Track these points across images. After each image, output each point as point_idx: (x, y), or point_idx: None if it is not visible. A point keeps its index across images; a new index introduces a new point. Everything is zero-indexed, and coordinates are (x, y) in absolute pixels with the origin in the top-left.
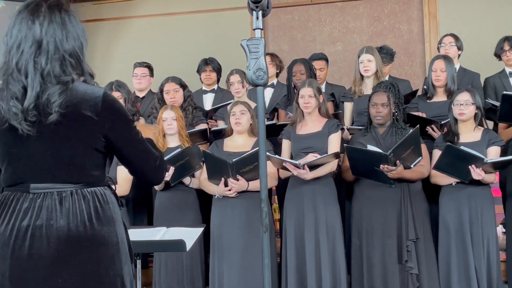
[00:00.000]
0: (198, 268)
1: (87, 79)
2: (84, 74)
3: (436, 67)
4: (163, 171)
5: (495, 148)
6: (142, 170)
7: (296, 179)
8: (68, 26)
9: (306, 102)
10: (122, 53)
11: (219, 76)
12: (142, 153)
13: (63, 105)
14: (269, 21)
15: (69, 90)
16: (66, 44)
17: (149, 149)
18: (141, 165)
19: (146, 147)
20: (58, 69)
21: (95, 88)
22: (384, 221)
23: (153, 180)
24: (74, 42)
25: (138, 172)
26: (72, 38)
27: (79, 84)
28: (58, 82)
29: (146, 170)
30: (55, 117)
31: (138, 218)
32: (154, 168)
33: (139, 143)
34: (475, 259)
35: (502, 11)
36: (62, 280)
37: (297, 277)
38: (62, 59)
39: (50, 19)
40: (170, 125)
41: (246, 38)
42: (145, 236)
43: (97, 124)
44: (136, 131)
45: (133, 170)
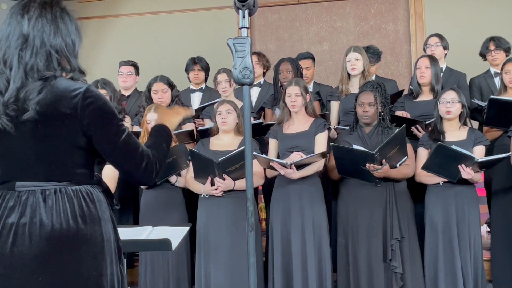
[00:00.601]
0: (184, 267)
1: (76, 75)
2: (73, 71)
3: (420, 64)
4: (151, 173)
5: (481, 148)
6: (127, 170)
7: (282, 178)
8: (59, 23)
9: (293, 101)
10: (108, 52)
11: (207, 75)
12: (125, 152)
13: (41, 103)
14: (256, 20)
15: (50, 87)
16: (54, 40)
17: (134, 149)
18: (125, 165)
19: (131, 147)
20: (42, 64)
21: (77, 84)
22: (370, 220)
23: (140, 180)
24: (63, 39)
25: (123, 172)
26: (61, 34)
27: (62, 80)
28: (40, 78)
29: (131, 170)
30: (31, 114)
31: (123, 217)
32: (139, 169)
33: (121, 143)
34: (461, 258)
35: (487, 11)
36: (42, 278)
37: (283, 276)
38: (48, 55)
39: (40, 14)
40: None
41: (232, 37)
42: (130, 235)
43: (77, 121)
44: (120, 130)
45: (118, 170)
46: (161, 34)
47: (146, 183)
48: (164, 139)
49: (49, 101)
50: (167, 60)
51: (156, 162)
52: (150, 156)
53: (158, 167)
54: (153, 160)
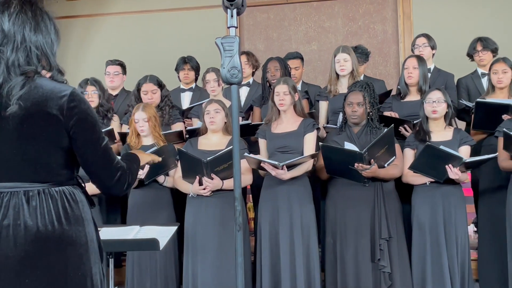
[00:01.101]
0: (172, 267)
1: (55, 75)
2: (52, 70)
3: (408, 64)
4: (124, 184)
5: (466, 148)
6: (101, 178)
7: (271, 178)
8: (39, 21)
9: (281, 99)
10: (95, 51)
11: (197, 74)
12: (102, 159)
13: (26, 101)
14: (244, 20)
15: (34, 85)
16: (34, 37)
17: (111, 158)
18: (98, 172)
19: (109, 156)
20: (23, 59)
21: (63, 87)
22: (358, 220)
23: (111, 191)
24: (43, 37)
25: (95, 179)
26: (41, 32)
27: (46, 81)
28: (21, 73)
29: (103, 179)
30: (14, 109)
31: (111, 216)
32: (111, 179)
33: (102, 149)
34: (448, 258)
35: (475, 12)
36: (29, 280)
37: (271, 276)
38: (28, 51)
39: (20, 11)
40: (142, 127)
41: (221, 36)
42: (118, 234)
43: (63, 122)
44: (101, 137)
45: (91, 177)
46: (150, 33)
47: (117, 194)
48: (135, 161)
49: (35, 101)
50: (155, 59)
51: (129, 175)
52: (125, 168)
53: (130, 179)
54: (127, 172)
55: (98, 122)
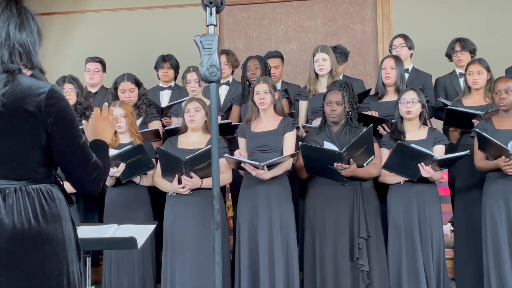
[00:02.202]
0: (150, 265)
1: (36, 74)
2: (34, 68)
3: (386, 65)
4: (99, 183)
5: (441, 147)
6: (76, 177)
7: (250, 177)
8: (23, 19)
9: (262, 98)
10: (75, 48)
11: (176, 73)
12: (79, 158)
13: (6, 96)
14: (224, 18)
15: (16, 82)
16: (18, 35)
17: (88, 157)
18: (75, 171)
19: (86, 155)
20: (6, 57)
21: (41, 83)
22: (337, 218)
23: (87, 190)
24: (27, 35)
25: (71, 178)
26: (25, 30)
27: (25, 78)
28: (4, 70)
29: (79, 178)
30: None
31: (88, 215)
32: (88, 178)
33: (79, 148)
34: (423, 257)
35: (454, 12)
36: (4, 278)
37: (250, 275)
38: (11, 48)
39: (6, 8)
40: (120, 123)
41: (199, 34)
42: (95, 233)
43: (41, 120)
44: (79, 135)
45: (67, 175)
46: (129, 31)
47: (92, 192)
48: (105, 153)
49: (14, 98)
50: (134, 57)
51: (104, 173)
52: (101, 167)
53: (105, 177)
54: (103, 171)
55: (76, 120)
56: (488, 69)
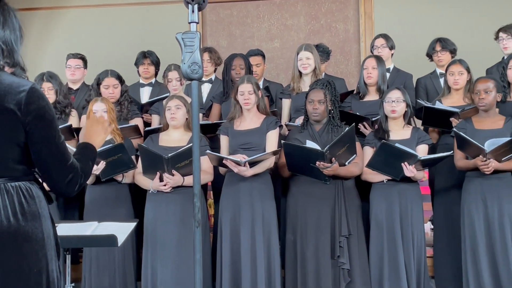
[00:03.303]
0: (130, 263)
1: (17, 72)
2: (15, 66)
3: (367, 65)
4: (75, 186)
5: (424, 147)
6: (51, 177)
7: (233, 175)
8: (7, 17)
9: (246, 99)
10: (56, 44)
11: (157, 69)
12: (56, 158)
13: None
14: (207, 16)
15: None
16: (1, 32)
17: (65, 158)
18: (50, 171)
19: (63, 155)
20: None
21: (22, 81)
22: (318, 217)
23: (61, 191)
24: (10, 33)
25: (46, 178)
26: (8, 28)
27: (6, 75)
28: None
29: (55, 178)
30: None
31: (69, 212)
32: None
33: (56, 148)
34: (404, 255)
35: (435, 12)
36: None
37: (231, 272)
38: None
39: None
40: None
41: (181, 32)
42: (75, 230)
43: (20, 118)
44: (58, 135)
45: (43, 174)
46: (110, 27)
47: (67, 195)
48: (90, 157)
49: None
50: (115, 53)
51: (82, 176)
52: (78, 170)
53: (82, 181)
54: (80, 174)
55: (55, 119)
56: (468, 69)
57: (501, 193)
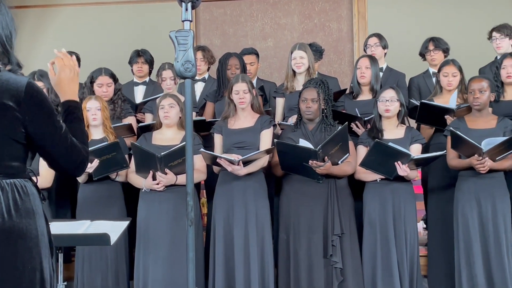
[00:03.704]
0: (123, 262)
1: (14, 69)
2: (11, 63)
3: (361, 64)
4: (84, 168)
5: (417, 146)
6: (61, 166)
7: (226, 174)
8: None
9: (242, 98)
10: (49, 42)
11: (151, 68)
12: (65, 148)
13: None
14: (201, 14)
15: None
16: None
17: (73, 144)
18: (59, 161)
19: (70, 142)
20: None
21: (18, 78)
22: (311, 216)
23: (73, 175)
24: (3, 30)
25: (57, 166)
26: (1, 25)
27: (3, 72)
28: None
29: (67, 165)
30: None
31: (61, 211)
32: (75, 164)
33: (62, 138)
34: (397, 254)
35: (428, 12)
36: None
37: (225, 271)
38: None
39: None
40: (95, 115)
41: (175, 30)
42: (68, 229)
43: (18, 114)
44: (59, 126)
45: (53, 164)
46: (104, 25)
47: (77, 176)
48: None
49: None
50: (109, 51)
51: (87, 157)
52: (84, 153)
53: (87, 160)
54: (86, 156)
55: (54, 112)
56: (460, 70)
57: (495, 193)
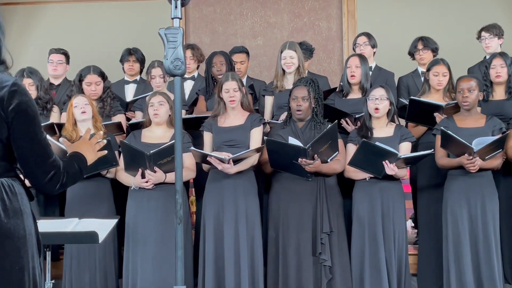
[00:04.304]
0: (112, 260)
1: (1, 69)
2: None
3: (351, 63)
4: (56, 184)
5: (407, 144)
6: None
7: (216, 172)
8: None
9: (232, 96)
10: (37, 39)
11: (142, 67)
12: (38, 155)
13: None
14: (190, 12)
15: None
16: None
17: (47, 155)
18: (32, 167)
19: (45, 152)
20: None
21: (5, 77)
22: (300, 214)
23: (42, 188)
24: None
25: (28, 174)
26: None
27: None
28: None
29: (36, 175)
30: None
31: (49, 209)
32: (45, 176)
33: (39, 144)
34: (386, 252)
35: (418, 12)
36: None
37: (215, 269)
38: None
39: None
40: (83, 108)
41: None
42: (56, 227)
43: (2, 113)
44: (40, 131)
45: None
46: (93, 23)
47: (48, 192)
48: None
49: None
50: (98, 49)
51: (64, 175)
52: (60, 168)
53: (64, 180)
54: (62, 172)
55: (38, 115)
56: (449, 69)
57: (484, 192)
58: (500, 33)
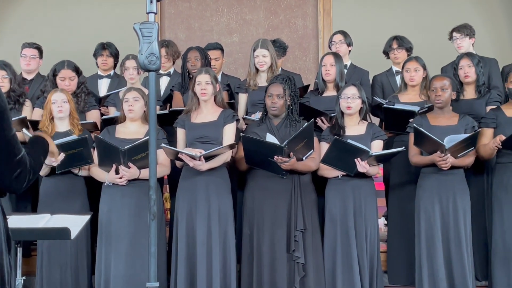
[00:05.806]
0: (84, 257)
1: None
2: None
3: (326, 62)
4: (22, 182)
5: (378, 142)
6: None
7: (189, 169)
8: None
9: (203, 89)
10: (10, 32)
11: (116, 61)
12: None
13: None
14: (166, 8)
15: None
16: None
17: (14, 152)
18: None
19: (12, 149)
20: None
21: None
22: (275, 211)
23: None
24: None
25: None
26: None
27: None
28: None
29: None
30: None
31: (21, 204)
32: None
33: (5, 141)
34: (358, 249)
35: (393, 11)
36: None
37: (187, 266)
38: None
39: None
40: (61, 107)
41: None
42: (27, 223)
43: None
44: (8, 127)
45: None
46: (67, 16)
47: (13, 191)
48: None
49: None
50: (72, 43)
51: (31, 172)
52: (27, 165)
53: (31, 177)
54: (28, 169)
55: (7, 111)
56: (424, 67)
57: (456, 189)
58: (471, 33)
